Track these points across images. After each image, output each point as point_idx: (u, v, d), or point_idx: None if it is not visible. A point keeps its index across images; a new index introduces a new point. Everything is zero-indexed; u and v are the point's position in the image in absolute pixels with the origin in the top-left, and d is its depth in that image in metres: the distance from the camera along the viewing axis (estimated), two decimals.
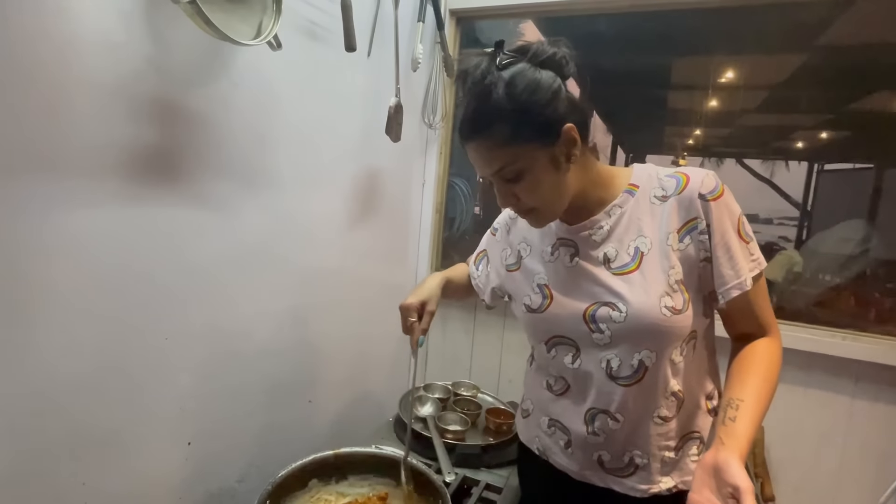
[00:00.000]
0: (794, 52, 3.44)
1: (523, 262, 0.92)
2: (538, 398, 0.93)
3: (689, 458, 0.84)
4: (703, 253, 0.77)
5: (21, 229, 0.68)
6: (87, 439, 0.80)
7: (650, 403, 0.81)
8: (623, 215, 0.81)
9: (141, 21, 0.79)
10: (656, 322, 0.75)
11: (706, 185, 0.76)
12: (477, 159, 0.77)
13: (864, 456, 1.36)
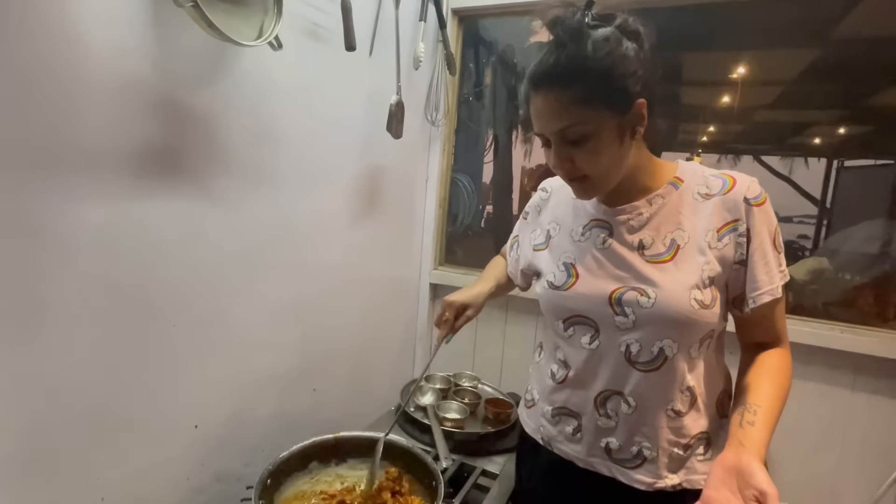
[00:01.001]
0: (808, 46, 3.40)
1: (552, 241, 0.93)
2: (543, 387, 0.95)
3: (696, 457, 0.84)
4: (739, 255, 0.79)
5: (42, 222, 0.73)
6: (102, 422, 0.85)
7: (665, 394, 0.82)
8: (664, 206, 0.82)
9: (147, 26, 0.83)
10: (684, 313, 0.77)
11: (752, 191, 0.78)
12: (545, 111, 0.76)
13: (864, 448, 1.37)
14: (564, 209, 0.94)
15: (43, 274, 0.74)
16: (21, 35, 0.68)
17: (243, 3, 0.95)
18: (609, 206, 0.86)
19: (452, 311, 1.01)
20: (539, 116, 0.77)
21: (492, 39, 2.00)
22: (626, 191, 0.84)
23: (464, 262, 1.89)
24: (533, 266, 0.98)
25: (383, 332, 1.64)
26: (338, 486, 1.01)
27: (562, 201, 0.96)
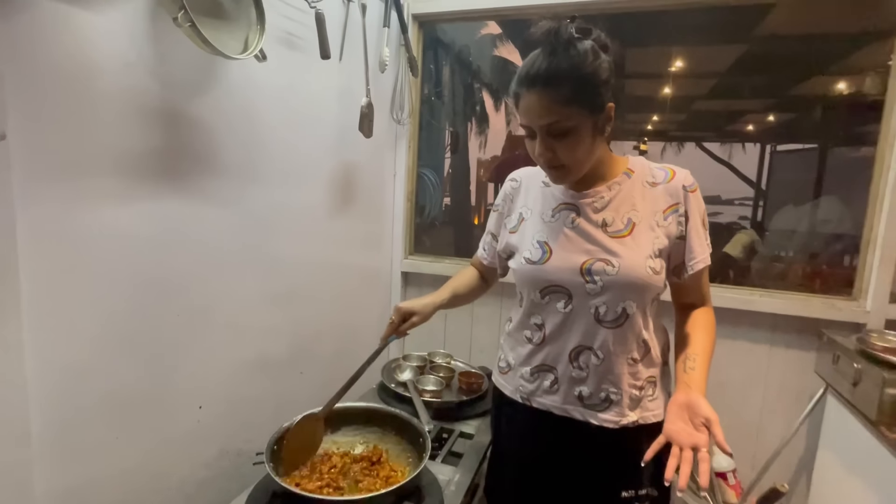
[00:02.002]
0: (735, 42, 3.69)
1: (524, 223, 1.08)
2: (518, 354, 1.08)
3: (647, 398, 1.02)
4: (679, 231, 0.98)
5: (62, 224, 0.81)
6: (120, 402, 0.94)
7: (626, 346, 0.99)
8: (621, 191, 1.00)
9: (147, 43, 0.92)
10: (642, 278, 0.94)
11: (688, 180, 0.99)
12: (535, 107, 0.89)
13: (781, 393, 1.60)
14: (534, 195, 1.09)
15: (64, 269, 0.83)
16: (41, 57, 0.76)
17: (229, 19, 1.04)
18: (576, 192, 1.02)
19: (399, 316, 1.13)
20: (529, 112, 0.91)
21: (449, 42, 2.13)
22: (590, 179, 1.01)
23: (431, 251, 2.03)
24: (509, 247, 1.11)
25: (361, 318, 1.75)
26: (333, 450, 1.13)
27: (531, 189, 1.11)
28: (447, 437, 1.29)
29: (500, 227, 1.18)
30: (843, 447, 1.38)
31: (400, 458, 1.12)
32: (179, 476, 1.09)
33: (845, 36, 2.62)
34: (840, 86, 3.48)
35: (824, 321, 1.50)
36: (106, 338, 0.91)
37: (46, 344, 0.81)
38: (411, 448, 1.12)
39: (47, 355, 0.81)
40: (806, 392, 1.55)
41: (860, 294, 1.51)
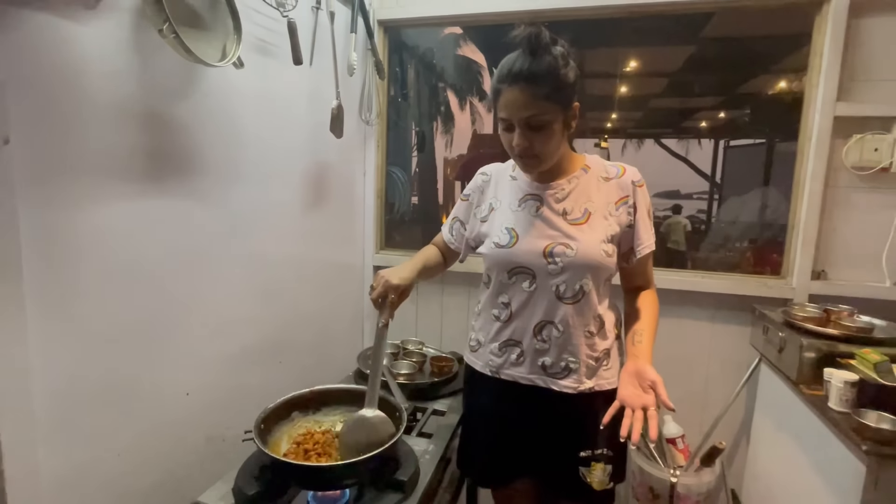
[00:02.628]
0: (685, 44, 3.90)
1: (494, 212, 1.20)
2: (488, 331, 1.21)
3: (602, 367, 1.16)
4: (629, 221, 1.13)
5: (56, 220, 0.88)
6: (115, 388, 1.00)
7: (584, 320, 1.12)
8: (579, 184, 1.13)
9: (132, 52, 0.99)
10: (597, 259, 1.08)
11: (636, 176, 1.14)
12: (517, 101, 1.01)
13: (723, 365, 1.77)
14: (503, 188, 1.22)
15: (62, 265, 0.89)
16: (38, 67, 0.83)
17: (207, 28, 1.12)
18: (540, 183, 1.15)
19: (396, 293, 1.13)
20: (511, 105, 1.02)
21: (414, 45, 2.23)
22: (553, 173, 1.14)
23: (402, 246, 2.12)
24: (480, 234, 1.22)
25: (335, 310, 1.84)
26: (316, 429, 1.21)
27: (500, 182, 1.24)
28: (421, 415, 1.40)
29: (468, 215, 1.29)
30: (773, 408, 1.55)
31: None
32: (170, 459, 1.15)
33: (777, 39, 2.84)
34: (781, 84, 3.75)
35: (758, 298, 1.67)
36: (100, 329, 0.97)
37: (47, 335, 0.87)
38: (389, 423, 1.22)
39: (48, 346, 0.87)
40: (744, 362, 1.71)
41: (787, 273, 1.69)
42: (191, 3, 1.07)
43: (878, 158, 1.52)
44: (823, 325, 1.37)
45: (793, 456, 1.37)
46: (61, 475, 0.91)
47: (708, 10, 1.73)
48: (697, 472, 1.55)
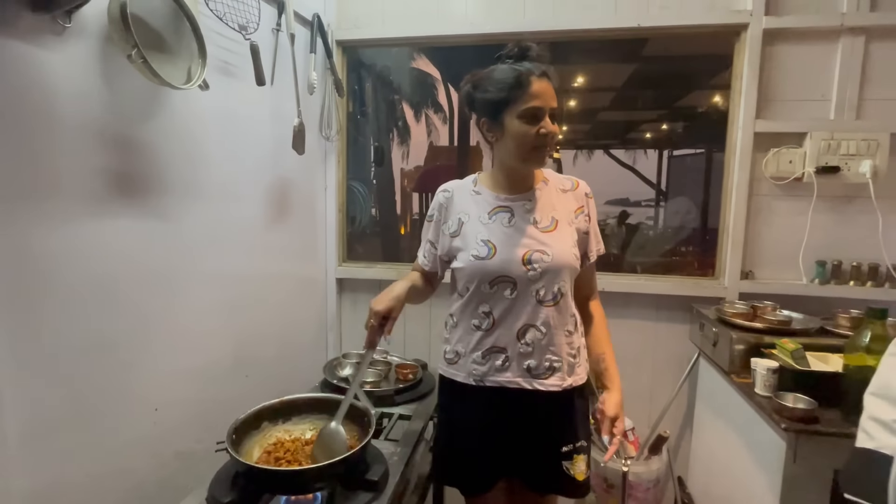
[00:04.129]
0: (626, 62, 4.15)
1: (464, 226, 1.25)
2: (469, 342, 1.24)
3: (577, 364, 1.25)
4: (585, 228, 1.25)
5: (23, 240, 0.89)
6: (81, 404, 1.02)
7: (562, 321, 1.21)
8: (543, 195, 1.23)
9: (99, 76, 1.02)
10: (570, 262, 1.19)
11: (587, 189, 1.29)
12: (548, 91, 1.14)
13: (667, 361, 1.91)
14: (467, 202, 1.28)
15: (28, 285, 0.91)
16: (6, 90, 0.85)
17: (172, 52, 1.16)
18: (507, 196, 1.24)
19: (378, 319, 1.19)
20: (544, 94, 1.14)
21: (371, 63, 2.30)
22: (520, 185, 1.24)
23: (364, 258, 2.18)
24: (452, 249, 1.27)
25: (300, 323, 1.87)
26: (286, 438, 1.25)
27: (463, 197, 1.29)
28: (388, 420, 1.45)
29: (437, 234, 1.32)
30: (711, 397, 1.69)
31: (348, 437, 1.27)
32: (140, 475, 1.17)
33: (707, 58, 3.09)
34: (713, 100, 4.04)
35: (695, 298, 1.83)
36: (67, 346, 0.99)
37: (15, 354, 0.88)
38: (357, 428, 1.26)
39: (16, 364, 0.89)
40: (685, 357, 1.86)
41: (720, 274, 1.85)
42: (157, 29, 1.11)
43: (793, 169, 1.71)
44: (750, 320, 1.52)
45: (729, 440, 1.51)
46: (32, 494, 0.92)
47: (637, 36, 1.89)
48: (646, 461, 1.67)
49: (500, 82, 1.16)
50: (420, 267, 1.38)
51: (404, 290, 1.23)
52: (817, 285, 1.73)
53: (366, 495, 1.07)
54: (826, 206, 1.71)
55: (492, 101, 1.18)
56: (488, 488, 1.32)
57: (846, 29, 1.65)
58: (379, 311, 1.18)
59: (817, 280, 1.74)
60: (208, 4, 1.27)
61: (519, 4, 1.88)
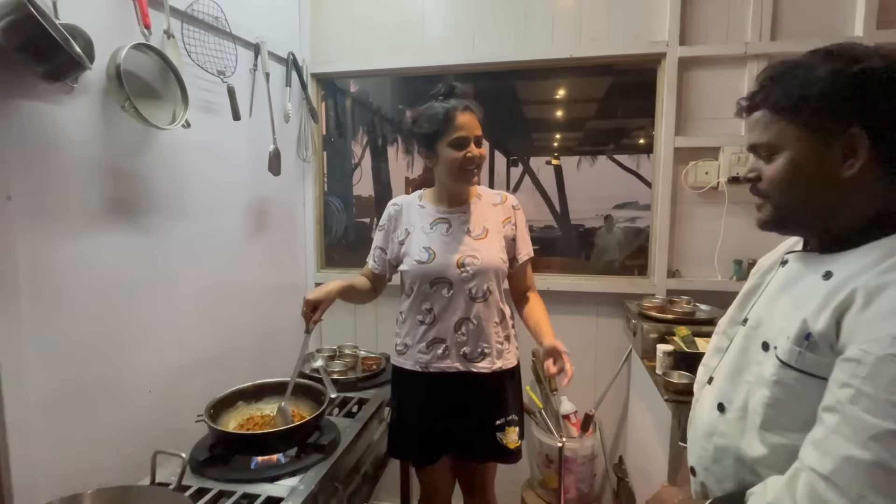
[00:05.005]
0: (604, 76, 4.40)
1: (410, 236, 1.51)
2: (415, 335, 1.49)
3: (505, 350, 1.50)
4: (512, 234, 1.50)
5: (43, 254, 1.15)
6: (86, 386, 1.27)
7: (491, 313, 1.45)
8: (476, 209, 1.50)
9: (99, 122, 1.28)
10: (497, 265, 1.44)
11: (514, 202, 1.55)
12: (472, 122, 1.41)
13: (608, 351, 2.13)
14: (413, 215, 1.54)
15: (48, 288, 1.17)
16: (29, 139, 1.12)
17: (159, 98, 1.42)
18: (447, 208, 1.49)
19: (309, 307, 1.44)
20: (467, 126, 1.40)
21: (345, 90, 2.57)
22: (456, 200, 1.50)
23: (340, 265, 2.43)
24: (400, 255, 1.53)
25: (281, 325, 2.12)
26: (257, 414, 1.50)
27: (411, 210, 1.55)
28: (349, 402, 1.70)
29: (387, 241, 1.58)
30: (638, 383, 1.91)
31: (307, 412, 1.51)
32: (133, 443, 1.41)
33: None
34: None
35: (629, 295, 2.05)
36: (75, 339, 1.24)
37: (35, 343, 1.14)
38: (318, 406, 1.51)
39: (37, 351, 1.14)
40: (623, 350, 2.08)
41: (651, 273, 2.08)
42: (146, 79, 1.37)
43: (709, 179, 1.94)
44: (663, 312, 1.75)
45: (647, 418, 1.74)
46: (48, 456, 1.17)
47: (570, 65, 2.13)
48: (580, 439, 1.90)
49: (431, 118, 1.42)
50: (369, 271, 1.62)
51: (336, 287, 1.48)
52: (734, 281, 1.95)
53: (318, 456, 1.31)
54: (738, 211, 1.93)
55: (426, 135, 1.44)
56: (434, 461, 1.56)
57: (750, 56, 1.88)
58: (309, 301, 1.44)
59: (735, 277, 1.96)
60: (191, 56, 1.54)
61: (469, 40, 2.13)
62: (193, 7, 1.53)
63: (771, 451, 0.72)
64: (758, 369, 0.77)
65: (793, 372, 0.71)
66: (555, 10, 2.06)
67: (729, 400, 0.81)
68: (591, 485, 1.98)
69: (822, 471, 0.61)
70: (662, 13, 1.94)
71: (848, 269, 0.70)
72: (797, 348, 0.70)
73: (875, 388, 0.60)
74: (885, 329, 0.61)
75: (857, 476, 0.59)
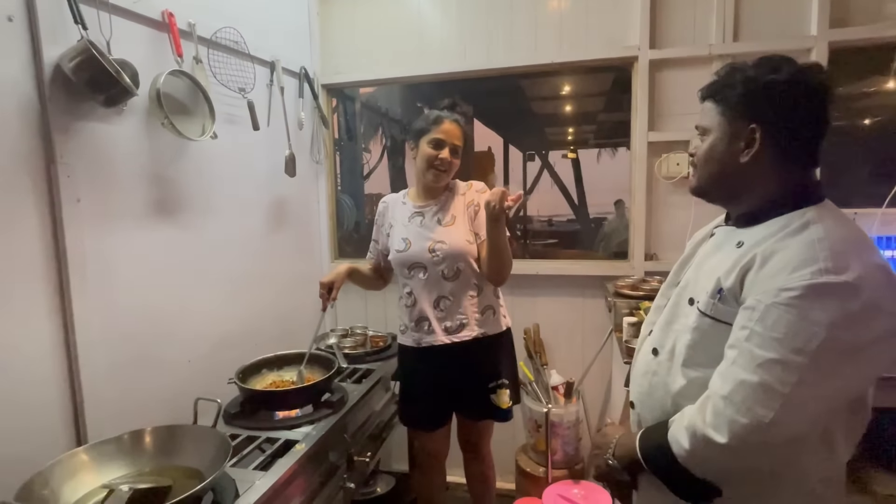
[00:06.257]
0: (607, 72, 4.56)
1: (393, 228, 1.77)
2: (408, 316, 1.75)
3: (487, 320, 1.72)
4: (475, 213, 1.70)
5: (107, 241, 1.43)
6: (137, 355, 1.55)
7: (464, 289, 1.68)
8: (447, 201, 1.73)
9: (144, 136, 1.55)
10: (463, 248, 1.66)
11: (479, 186, 1.76)
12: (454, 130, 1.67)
13: (594, 329, 2.34)
14: (398, 210, 1.79)
15: (107, 273, 1.45)
16: (92, 153, 1.40)
17: (192, 114, 1.69)
18: (422, 203, 1.73)
19: (325, 289, 1.75)
20: (449, 133, 1.66)
21: (353, 97, 2.82)
22: (430, 195, 1.74)
23: (352, 255, 2.69)
24: (387, 247, 1.80)
25: (300, 308, 2.38)
26: (279, 379, 1.76)
27: (396, 207, 1.81)
28: (358, 372, 1.95)
29: (379, 234, 1.86)
30: (617, 357, 2.12)
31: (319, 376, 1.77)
32: (177, 401, 1.69)
33: None
34: None
35: (610, 277, 2.25)
36: (129, 316, 1.52)
37: (97, 310, 1.42)
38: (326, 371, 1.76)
39: (101, 327, 1.42)
40: (606, 327, 2.29)
41: (631, 257, 2.28)
42: (179, 99, 1.65)
43: (680, 170, 2.13)
44: (635, 290, 1.95)
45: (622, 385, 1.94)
46: (112, 400, 1.45)
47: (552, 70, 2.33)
48: (565, 405, 2.12)
49: (425, 118, 1.69)
50: (368, 262, 1.89)
51: (345, 269, 1.77)
52: None
53: (328, 411, 1.57)
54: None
55: (417, 129, 1.70)
56: (437, 427, 1.80)
57: (715, 56, 2.06)
58: (324, 283, 1.72)
59: None
60: (216, 76, 1.80)
61: (460, 49, 2.36)
62: (217, 35, 1.80)
63: (689, 383, 0.92)
64: (684, 320, 0.96)
65: (708, 319, 0.90)
66: (537, 19, 2.27)
67: (661, 345, 1.01)
68: (576, 447, 2.19)
69: (722, 393, 0.82)
70: (634, 20, 2.14)
71: (755, 238, 0.89)
72: (712, 300, 0.90)
73: (763, 328, 0.79)
74: (772, 283, 0.81)
75: (748, 394, 0.79)
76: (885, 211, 1.90)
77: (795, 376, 0.77)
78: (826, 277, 0.77)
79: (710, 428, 0.81)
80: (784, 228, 0.87)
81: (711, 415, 0.82)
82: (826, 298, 0.77)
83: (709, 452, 0.83)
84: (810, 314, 0.77)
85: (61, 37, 1.29)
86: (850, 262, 0.78)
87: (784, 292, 0.79)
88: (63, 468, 1.09)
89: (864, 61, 2.05)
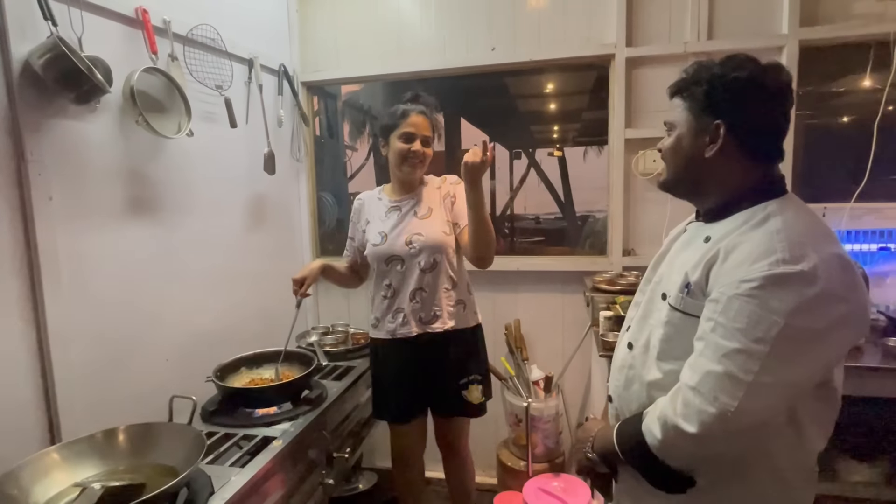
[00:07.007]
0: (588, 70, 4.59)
1: (370, 224, 1.78)
2: (382, 308, 1.76)
3: (460, 313, 1.74)
4: (451, 204, 1.72)
5: (80, 239, 1.42)
6: (113, 353, 1.54)
7: (440, 281, 1.70)
8: (422, 194, 1.74)
9: (119, 134, 1.54)
10: (440, 240, 1.68)
11: (453, 179, 1.78)
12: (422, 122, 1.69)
13: (574, 323, 2.37)
14: (373, 206, 1.80)
15: (82, 269, 1.44)
16: (65, 150, 1.38)
17: (166, 111, 1.68)
18: (398, 197, 1.74)
19: (298, 284, 1.76)
20: (417, 125, 1.67)
21: (335, 94, 2.81)
22: (406, 189, 1.75)
23: (334, 253, 2.69)
24: (363, 242, 1.81)
25: (281, 304, 2.37)
26: (257, 377, 1.76)
27: (371, 203, 1.82)
28: (338, 369, 1.96)
29: (355, 231, 1.87)
30: (595, 351, 2.15)
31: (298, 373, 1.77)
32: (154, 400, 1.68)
33: None
34: None
35: (589, 272, 2.28)
36: (105, 314, 1.51)
37: (75, 305, 1.41)
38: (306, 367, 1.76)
39: (76, 326, 1.41)
40: (585, 322, 2.31)
41: (609, 252, 2.31)
42: (154, 96, 1.64)
43: (656, 167, 2.16)
44: (612, 284, 1.98)
45: (599, 378, 1.97)
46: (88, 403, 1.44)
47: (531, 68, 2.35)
48: (545, 400, 2.14)
49: (391, 114, 1.70)
50: (345, 259, 1.90)
51: (318, 265, 1.79)
52: None
53: (307, 408, 1.57)
54: None
55: (385, 126, 1.72)
56: (408, 420, 1.81)
57: (690, 54, 2.09)
58: (295, 279, 1.73)
59: None
60: (192, 74, 1.79)
61: (439, 47, 2.37)
62: (193, 32, 1.79)
63: (664, 376, 0.94)
64: (658, 315, 0.99)
65: (678, 313, 0.93)
66: (516, 18, 2.28)
67: (636, 340, 1.03)
68: (556, 441, 2.22)
69: (691, 384, 0.84)
70: (611, 18, 2.16)
71: (720, 233, 0.92)
72: (681, 295, 0.92)
73: (726, 319, 0.82)
74: (734, 275, 0.83)
75: (713, 384, 0.81)
76: (853, 206, 1.95)
77: (757, 364, 0.79)
78: (783, 268, 0.80)
79: (680, 418, 0.84)
80: (747, 222, 0.90)
81: (682, 405, 0.85)
82: (784, 287, 0.79)
83: (680, 442, 0.86)
84: (769, 303, 0.79)
85: (30, 33, 1.28)
86: (806, 251, 0.81)
87: (744, 283, 0.81)
88: (33, 468, 1.09)
89: (835, 60, 2.10)
